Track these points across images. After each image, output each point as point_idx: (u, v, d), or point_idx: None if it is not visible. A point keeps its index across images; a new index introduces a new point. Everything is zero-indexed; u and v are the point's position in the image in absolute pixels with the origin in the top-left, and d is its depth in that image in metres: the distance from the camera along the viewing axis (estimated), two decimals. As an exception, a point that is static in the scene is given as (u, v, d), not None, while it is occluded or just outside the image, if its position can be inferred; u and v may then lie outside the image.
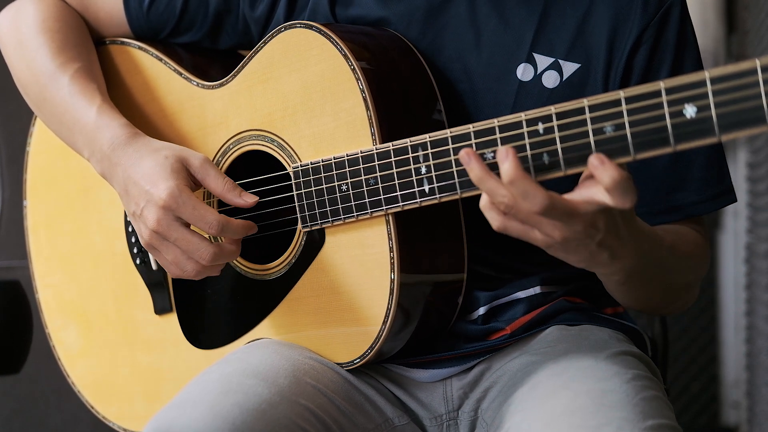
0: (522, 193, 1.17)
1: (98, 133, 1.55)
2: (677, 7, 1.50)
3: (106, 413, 1.77)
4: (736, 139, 3.23)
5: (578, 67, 1.49)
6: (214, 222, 1.44)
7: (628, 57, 1.48)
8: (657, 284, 1.42)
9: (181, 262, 1.46)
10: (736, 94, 1.09)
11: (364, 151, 1.40)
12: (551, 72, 1.49)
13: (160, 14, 1.66)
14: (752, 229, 3.20)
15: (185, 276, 1.48)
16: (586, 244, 1.22)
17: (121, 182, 1.51)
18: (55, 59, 1.62)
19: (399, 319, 1.42)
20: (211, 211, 1.44)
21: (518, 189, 1.17)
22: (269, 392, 1.35)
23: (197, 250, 1.45)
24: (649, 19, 1.48)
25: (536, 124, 1.22)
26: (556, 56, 1.49)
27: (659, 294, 1.45)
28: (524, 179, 1.17)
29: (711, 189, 1.50)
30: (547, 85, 1.49)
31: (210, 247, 1.44)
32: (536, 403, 1.33)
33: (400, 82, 1.46)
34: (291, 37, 1.49)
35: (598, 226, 1.20)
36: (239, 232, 1.47)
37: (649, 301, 1.46)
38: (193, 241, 1.44)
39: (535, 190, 1.17)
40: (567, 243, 1.21)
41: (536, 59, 1.49)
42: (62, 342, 1.82)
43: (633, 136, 1.15)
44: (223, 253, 1.46)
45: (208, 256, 1.45)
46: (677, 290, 1.49)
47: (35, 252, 1.84)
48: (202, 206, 1.44)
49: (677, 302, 1.52)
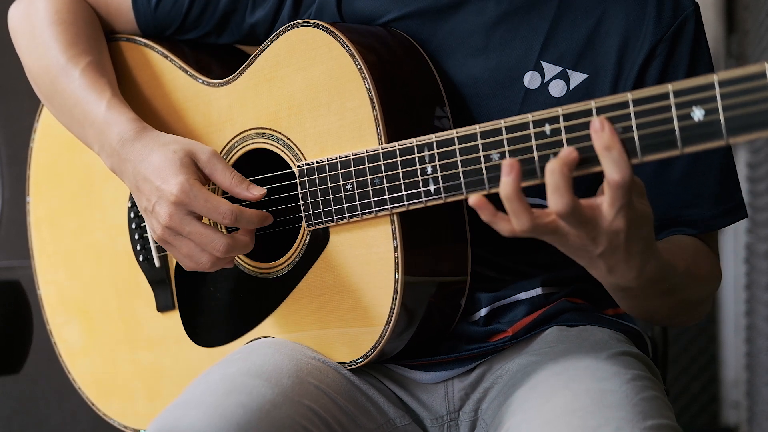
0: (512, 211, 1.18)
1: (107, 128, 1.55)
2: (692, 21, 1.49)
3: (107, 411, 1.77)
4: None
5: (586, 78, 1.48)
6: (228, 212, 1.44)
7: (639, 70, 1.47)
8: (663, 302, 1.40)
9: (196, 255, 1.47)
10: (745, 98, 1.08)
11: (369, 150, 1.40)
12: (558, 81, 1.49)
13: (167, 12, 1.66)
14: (752, 229, 3.20)
15: (200, 268, 1.48)
16: (587, 251, 1.23)
17: (132, 178, 1.51)
18: (67, 52, 1.62)
19: (402, 319, 1.42)
20: (224, 201, 1.44)
21: (510, 206, 1.18)
22: (272, 393, 1.35)
23: (211, 242, 1.45)
24: (662, 33, 1.47)
25: (543, 125, 1.22)
26: (564, 65, 1.49)
27: (665, 310, 1.44)
28: (518, 201, 1.18)
29: (724, 204, 1.50)
30: (553, 94, 1.49)
31: (224, 239, 1.44)
32: (536, 403, 1.33)
33: (406, 82, 1.46)
34: (297, 35, 1.49)
35: (598, 241, 1.20)
36: (254, 221, 1.46)
37: (653, 314, 1.46)
38: (206, 234, 1.45)
39: (523, 212, 1.18)
40: (566, 246, 1.23)
41: (544, 67, 1.49)
42: (64, 339, 1.82)
43: (640, 138, 1.15)
44: (237, 244, 1.46)
45: (223, 248, 1.44)
46: (687, 307, 1.48)
47: (38, 249, 1.84)
48: (214, 198, 1.44)
49: (684, 316, 1.51)
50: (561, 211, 1.17)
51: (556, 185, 1.16)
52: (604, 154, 1.15)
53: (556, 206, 1.17)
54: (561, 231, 1.20)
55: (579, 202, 1.17)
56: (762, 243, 2.98)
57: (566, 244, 1.22)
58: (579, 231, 1.19)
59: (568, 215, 1.17)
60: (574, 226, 1.19)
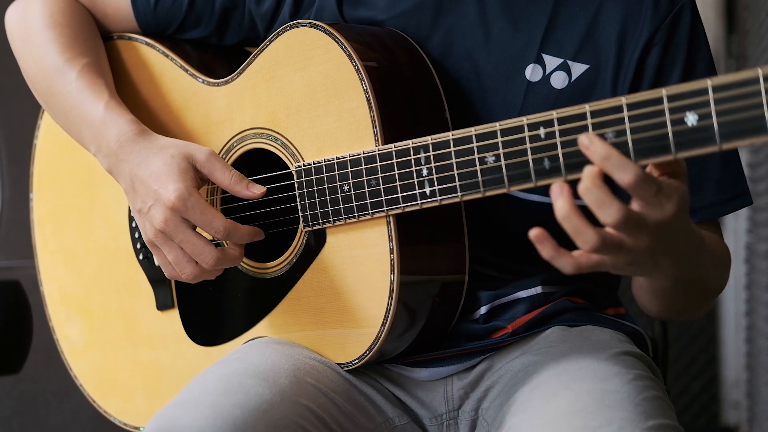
0: (574, 228, 1.16)
1: (105, 129, 1.55)
2: (688, 9, 1.50)
3: (107, 408, 1.78)
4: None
5: (587, 68, 1.49)
6: (221, 228, 1.44)
7: (639, 58, 1.48)
8: (695, 289, 1.39)
9: (181, 264, 1.47)
10: (738, 103, 1.08)
11: (366, 151, 1.40)
12: (560, 73, 1.49)
13: (167, 10, 1.66)
14: (752, 229, 3.20)
15: (181, 278, 1.49)
16: (651, 253, 1.20)
17: (128, 179, 1.51)
18: (63, 54, 1.62)
19: (398, 320, 1.42)
20: (219, 216, 1.45)
21: (570, 224, 1.15)
22: (270, 392, 1.35)
23: (201, 254, 1.45)
24: (660, 20, 1.48)
25: (538, 128, 1.22)
26: (565, 57, 1.49)
27: (694, 298, 1.43)
28: (577, 217, 1.15)
29: (727, 191, 1.49)
30: (555, 86, 1.49)
31: (214, 252, 1.45)
32: (538, 403, 1.33)
33: (404, 82, 1.46)
34: (296, 36, 1.50)
35: (658, 235, 1.18)
36: (245, 238, 1.47)
37: (683, 306, 1.45)
38: (198, 244, 1.45)
39: (585, 227, 1.15)
40: (633, 261, 1.20)
41: (545, 60, 1.49)
42: (66, 336, 1.82)
43: (634, 143, 1.15)
44: (226, 257, 1.47)
45: (212, 261, 1.45)
46: (706, 296, 1.48)
47: (41, 245, 1.85)
48: (210, 210, 1.44)
49: (697, 310, 1.50)
50: (616, 219, 1.14)
51: (598, 200, 1.14)
52: (605, 165, 1.14)
53: (610, 218, 1.14)
54: (625, 244, 1.17)
55: (627, 206, 1.15)
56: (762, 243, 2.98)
57: (633, 258, 1.19)
58: (639, 235, 1.17)
59: (624, 221, 1.14)
60: (633, 233, 1.16)
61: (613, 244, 1.16)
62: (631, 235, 1.16)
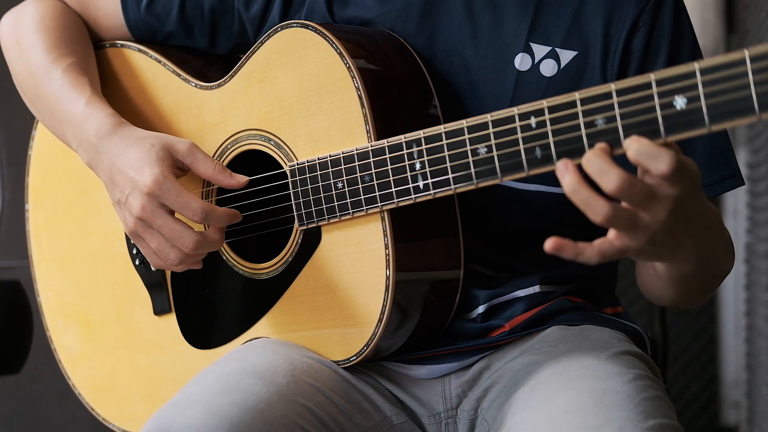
0: (584, 201, 1.15)
1: (84, 123, 1.56)
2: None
3: (106, 415, 1.77)
4: (736, 137, 3.24)
5: (575, 55, 1.49)
6: (198, 209, 1.44)
7: (625, 42, 1.48)
8: (711, 272, 1.38)
9: (164, 250, 1.47)
10: (726, 85, 1.09)
11: (359, 148, 1.41)
12: (549, 61, 1.50)
13: (157, 15, 1.67)
14: (752, 229, 3.20)
15: (167, 266, 1.49)
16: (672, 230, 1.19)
17: (107, 170, 1.52)
18: (50, 54, 1.64)
19: (395, 316, 1.42)
20: (195, 198, 1.45)
21: (580, 197, 1.15)
22: (267, 391, 1.35)
23: (180, 238, 1.45)
24: (644, 3, 1.48)
25: (529, 118, 1.23)
26: (553, 45, 1.50)
27: (707, 281, 1.42)
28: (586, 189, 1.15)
29: (716, 172, 1.48)
30: (545, 74, 1.50)
31: (193, 235, 1.45)
32: (538, 403, 1.33)
33: (395, 79, 1.47)
34: (287, 36, 1.50)
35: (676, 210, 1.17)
36: (223, 219, 1.47)
37: (697, 291, 1.44)
38: (176, 229, 1.45)
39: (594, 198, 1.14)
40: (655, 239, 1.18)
41: (533, 48, 1.50)
42: (63, 345, 1.82)
43: (624, 129, 1.16)
44: (206, 241, 1.47)
45: (191, 244, 1.45)
46: (718, 280, 1.46)
47: (37, 256, 1.85)
48: (186, 193, 1.45)
49: (706, 295, 1.49)
50: (617, 184, 1.13)
51: (599, 169, 1.14)
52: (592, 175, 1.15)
53: (611, 183, 1.13)
54: (641, 220, 1.16)
55: (629, 173, 1.14)
56: (762, 243, 2.98)
57: (654, 237, 1.17)
58: (654, 209, 1.15)
59: (627, 187, 1.13)
60: (645, 206, 1.15)
61: (628, 217, 1.15)
62: (643, 208, 1.15)
